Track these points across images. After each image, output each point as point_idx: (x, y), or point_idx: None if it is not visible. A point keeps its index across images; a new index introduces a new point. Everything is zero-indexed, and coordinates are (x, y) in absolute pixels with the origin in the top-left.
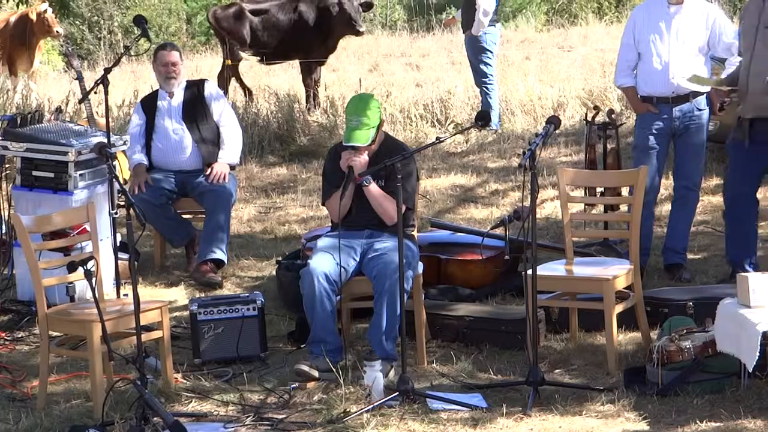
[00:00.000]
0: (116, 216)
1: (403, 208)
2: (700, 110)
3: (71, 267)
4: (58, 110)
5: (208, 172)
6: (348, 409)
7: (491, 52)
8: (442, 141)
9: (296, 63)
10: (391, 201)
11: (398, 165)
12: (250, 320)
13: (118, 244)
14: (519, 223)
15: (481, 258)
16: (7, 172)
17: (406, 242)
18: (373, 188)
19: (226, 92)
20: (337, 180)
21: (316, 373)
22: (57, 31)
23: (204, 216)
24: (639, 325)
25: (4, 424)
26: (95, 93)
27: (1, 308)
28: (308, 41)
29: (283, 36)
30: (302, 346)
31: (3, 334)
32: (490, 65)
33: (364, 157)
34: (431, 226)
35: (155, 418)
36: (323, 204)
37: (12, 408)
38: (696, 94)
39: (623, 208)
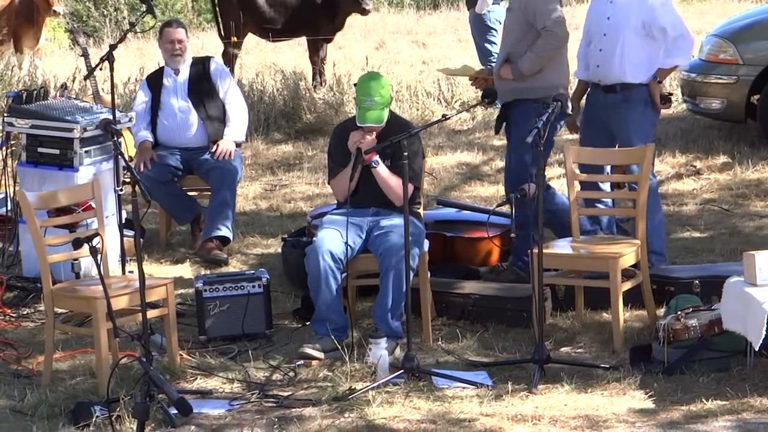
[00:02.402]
0: (121, 193)
1: (411, 188)
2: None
3: (76, 244)
4: (64, 87)
5: (213, 149)
6: (353, 387)
7: (496, 30)
8: (448, 118)
9: (302, 40)
10: (399, 181)
11: (404, 143)
12: (255, 297)
13: (123, 221)
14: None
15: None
16: (13, 148)
17: (412, 220)
18: (381, 169)
19: (231, 70)
20: (342, 159)
21: (320, 355)
22: (55, 11)
23: (209, 193)
24: (645, 303)
25: (9, 400)
26: (101, 70)
27: (6, 285)
28: (316, 19)
29: (291, 13)
30: (307, 323)
31: (8, 311)
32: (494, 44)
33: (372, 138)
34: (437, 204)
35: (160, 395)
36: (330, 182)
37: (17, 384)
38: (625, 85)
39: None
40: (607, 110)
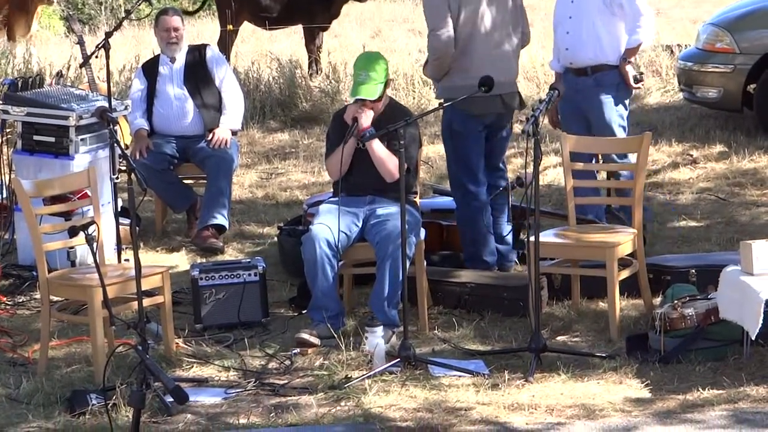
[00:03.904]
0: (117, 181)
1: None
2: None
3: (72, 232)
4: (59, 75)
5: (209, 138)
6: (349, 375)
7: None
8: (445, 107)
9: (298, 28)
10: (392, 157)
11: (401, 131)
12: (251, 286)
13: (119, 209)
14: (522, 189)
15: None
16: (8, 136)
17: (409, 208)
18: (375, 144)
19: (227, 58)
20: (339, 141)
21: (317, 341)
22: None
23: (205, 181)
24: (642, 292)
25: (5, 388)
26: (96, 57)
27: (2, 273)
28: (312, 7)
29: (287, 1)
30: (303, 311)
31: (4, 299)
32: None
33: (370, 113)
34: (433, 193)
35: (156, 383)
36: (326, 161)
37: (13, 372)
38: (596, 68)
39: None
40: (579, 94)
